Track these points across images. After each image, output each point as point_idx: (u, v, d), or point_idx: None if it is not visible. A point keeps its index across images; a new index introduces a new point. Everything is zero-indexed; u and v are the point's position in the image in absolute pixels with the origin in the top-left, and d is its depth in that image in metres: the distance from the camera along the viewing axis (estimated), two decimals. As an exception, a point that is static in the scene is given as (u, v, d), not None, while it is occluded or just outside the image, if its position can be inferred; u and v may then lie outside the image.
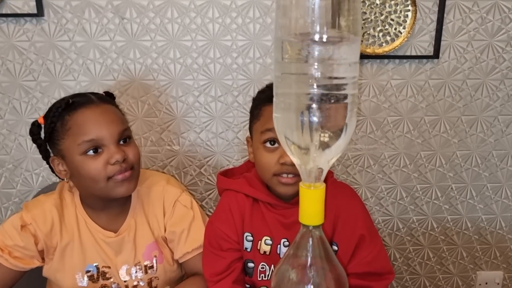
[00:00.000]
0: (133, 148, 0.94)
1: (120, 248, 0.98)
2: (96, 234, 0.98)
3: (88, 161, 0.88)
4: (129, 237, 0.99)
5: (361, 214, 0.97)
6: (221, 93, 1.34)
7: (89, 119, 0.89)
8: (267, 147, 0.88)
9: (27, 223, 0.94)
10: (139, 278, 1.00)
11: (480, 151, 1.44)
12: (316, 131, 0.54)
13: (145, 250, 1.00)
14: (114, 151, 0.89)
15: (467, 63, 1.35)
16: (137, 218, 1.00)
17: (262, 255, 0.97)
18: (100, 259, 0.98)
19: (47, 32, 1.27)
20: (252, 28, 1.29)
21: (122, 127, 0.92)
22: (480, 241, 1.55)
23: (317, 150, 0.55)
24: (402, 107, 1.38)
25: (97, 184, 0.89)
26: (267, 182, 0.94)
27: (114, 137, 0.90)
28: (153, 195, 1.02)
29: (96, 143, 0.88)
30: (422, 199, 1.48)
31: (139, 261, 1.00)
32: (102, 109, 0.92)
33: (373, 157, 1.43)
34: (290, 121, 0.55)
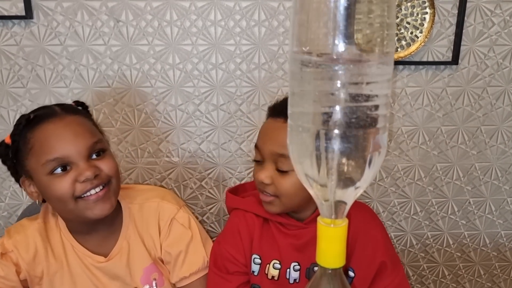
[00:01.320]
0: (108, 161, 0.84)
1: (113, 273, 0.89)
2: (86, 259, 0.89)
3: (55, 180, 0.79)
4: (122, 261, 0.90)
5: (381, 239, 0.89)
6: (224, 101, 1.25)
7: (52, 134, 0.80)
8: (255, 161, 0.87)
9: (8, 251, 0.86)
10: None
11: (500, 163, 1.35)
12: (337, 162, 0.45)
13: (143, 273, 0.91)
14: (84, 168, 0.79)
15: (488, 69, 1.26)
16: (130, 239, 0.91)
17: (270, 280, 0.91)
18: (93, 286, 0.89)
19: (37, 36, 1.19)
20: (257, 32, 1.20)
21: (91, 140, 0.82)
22: (498, 258, 1.45)
23: (339, 184, 0.46)
24: (417, 116, 1.29)
25: (65, 205, 0.80)
26: None
27: (82, 152, 0.80)
28: (146, 212, 0.93)
29: (62, 161, 0.79)
30: (438, 214, 1.39)
31: (137, 286, 0.91)
32: (67, 121, 0.82)
33: (385, 170, 1.34)
34: (306, 148, 0.46)
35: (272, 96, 1.23)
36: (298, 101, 0.47)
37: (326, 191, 0.48)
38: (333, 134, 0.44)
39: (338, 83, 0.44)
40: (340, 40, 0.44)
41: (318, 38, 0.46)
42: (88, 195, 0.80)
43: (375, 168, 0.47)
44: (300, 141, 0.47)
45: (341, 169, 0.46)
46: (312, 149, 0.46)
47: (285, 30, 1.20)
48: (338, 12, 0.43)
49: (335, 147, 0.44)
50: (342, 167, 0.45)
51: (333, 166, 0.46)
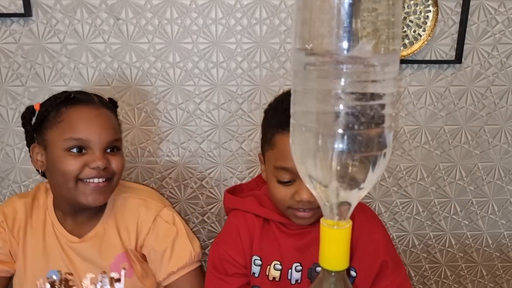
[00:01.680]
0: (118, 159, 0.91)
1: (85, 255, 0.94)
2: (62, 239, 0.94)
3: (68, 157, 0.86)
4: (95, 245, 0.94)
5: (383, 239, 0.89)
6: (225, 100, 1.24)
7: (84, 118, 0.87)
8: (281, 182, 0.80)
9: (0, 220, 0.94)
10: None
11: (503, 163, 1.34)
12: (342, 162, 0.44)
13: (114, 260, 0.95)
14: (98, 157, 0.86)
15: (491, 68, 1.24)
16: (107, 227, 0.95)
17: (271, 281, 0.90)
18: (64, 265, 0.94)
19: (36, 34, 1.17)
20: (259, 30, 1.19)
21: (113, 136, 0.90)
22: (501, 258, 1.44)
23: (344, 185, 0.45)
24: (420, 115, 1.28)
25: (66, 182, 0.86)
26: (282, 211, 0.86)
27: (102, 143, 0.88)
28: (130, 206, 0.97)
29: (82, 143, 0.86)
30: (440, 214, 1.38)
31: (106, 271, 0.94)
32: (100, 112, 0.90)
33: (388, 170, 1.33)
34: (309, 148, 0.45)
35: (274, 95, 1.21)
36: (301, 100, 0.46)
37: (330, 192, 0.47)
38: (337, 134, 0.43)
39: (342, 82, 0.43)
40: (345, 38, 0.43)
41: (322, 36, 0.45)
42: (90, 181, 0.86)
43: (380, 169, 0.46)
44: (303, 141, 0.46)
45: (346, 170, 0.45)
46: (316, 149, 0.45)
47: (287, 28, 1.19)
48: (342, 9, 0.42)
49: (340, 147, 0.43)
50: (346, 167, 0.44)
51: (338, 167, 0.45)
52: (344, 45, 0.43)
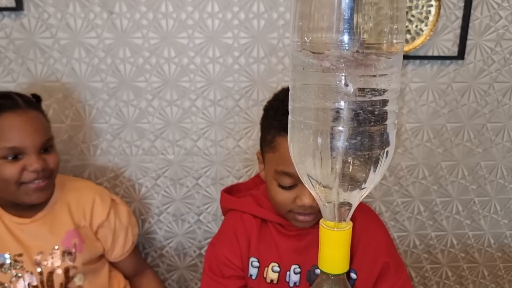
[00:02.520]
0: (53, 156, 0.94)
1: (35, 233, 0.96)
2: (8, 223, 0.95)
3: (5, 165, 0.88)
4: (46, 223, 0.97)
5: (384, 240, 0.86)
6: (221, 97, 1.21)
7: (14, 126, 0.89)
8: (282, 186, 0.77)
9: None
10: (55, 265, 0.96)
11: (506, 161, 1.31)
12: (342, 161, 0.41)
13: (64, 236, 0.98)
14: (35, 160, 0.89)
15: (494, 64, 1.21)
16: (57, 207, 1.00)
17: (268, 284, 0.87)
18: (12, 248, 0.95)
19: (27, 28, 1.14)
20: (256, 24, 1.16)
21: (45, 137, 0.93)
22: (503, 258, 1.42)
23: (344, 185, 0.42)
24: (422, 113, 1.25)
25: (8, 187, 0.89)
26: (282, 215, 0.83)
27: (36, 147, 0.90)
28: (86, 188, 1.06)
29: (17, 150, 0.89)
30: (442, 213, 1.35)
31: (57, 246, 0.97)
32: (28, 116, 0.91)
33: (389, 168, 1.30)
34: (308, 147, 0.42)
35: (272, 92, 1.18)
36: (300, 96, 0.43)
37: (330, 192, 0.44)
38: (338, 131, 0.40)
39: (343, 77, 0.40)
40: (346, 32, 0.40)
41: (322, 29, 0.42)
42: (31, 183, 0.90)
43: (382, 168, 0.43)
44: (302, 138, 0.43)
45: (347, 169, 0.42)
46: (315, 148, 0.42)
47: (285, 22, 1.16)
48: (343, 2, 0.39)
49: (341, 145, 0.41)
50: (347, 166, 0.41)
51: (338, 165, 0.42)
52: (345, 39, 0.40)
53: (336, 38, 0.40)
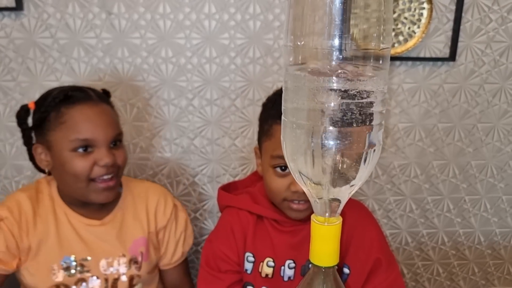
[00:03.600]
0: (122, 152, 0.93)
1: (104, 237, 0.95)
2: (77, 224, 0.94)
3: (76, 158, 0.86)
4: (114, 228, 0.96)
5: (376, 236, 0.89)
6: (217, 96, 1.23)
7: (87, 117, 0.87)
8: (277, 172, 0.80)
9: (3, 217, 0.90)
10: (121, 272, 0.95)
11: (496, 161, 1.34)
12: (332, 159, 0.44)
13: (132, 244, 0.97)
14: (105, 154, 0.87)
15: (485, 66, 1.25)
16: (125, 211, 0.98)
17: (263, 278, 0.90)
18: (79, 250, 0.93)
19: (27, 28, 1.16)
20: (252, 26, 1.18)
21: (116, 131, 0.92)
22: (493, 256, 1.45)
23: (334, 181, 0.45)
24: (414, 113, 1.28)
25: (77, 183, 0.88)
26: (277, 205, 0.87)
27: (108, 140, 0.89)
28: (151, 191, 1.02)
29: (89, 142, 0.87)
30: (433, 211, 1.38)
31: (125, 254, 0.96)
32: (100, 109, 0.90)
33: (381, 167, 1.33)
34: (300, 145, 0.45)
35: (267, 92, 1.21)
36: (293, 97, 0.46)
37: (320, 188, 0.46)
38: (328, 130, 0.43)
39: (333, 79, 0.42)
40: (336, 35, 0.42)
41: (313, 33, 0.44)
42: (100, 180, 0.88)
43: (370, 165, 0.45)
44: (294, 137, 0.46)
45: (336, 167, 0.44)
46: (307, 146, 0.44)
47: (281, 23, 1.18)
48: (333, 6, 0.42)
49: (330, 144, 0.43)
50: (337, 164, 0.44)
51: (328, 163, 0.44)
52: (335, 42, 0.42)
53: (327, 41, 0.43)
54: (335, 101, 0.42)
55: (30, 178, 1.27)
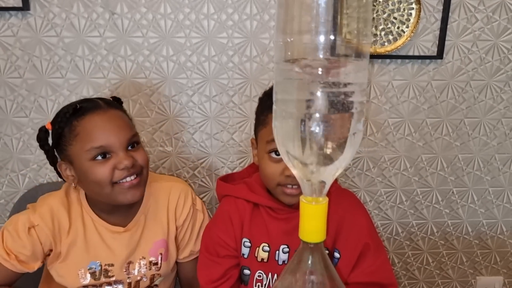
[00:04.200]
0: (141, 153, 0.94)
1: (128, 243, 0.98)
2: (103, 231, 0.97)
3: (96, 166, 0.88)
4: (138, 233, 0.98)
5: (365, 223, 0.94)
6: (216, 93, 1.29)
7: (98, 125, 0.89)
8: (272, 157, 0.86)
9: (35, 224, 0.92)
10: (142, 273, 0.99)
11: (482, 154, 1.40)
12: (318, 143, 0.49)
13: (152, 246, 1.00)
14: (123, 157, 0.88)
15: (471, 64, 1.31)
16: (148, 214, 1.00)
17: (259, 262, 0.95)
18: (104, 257, 0.97)
19: (33, 27, 1.21)
20: (249, 25, 1.24)
21: (130, 133, 0.92)
22: (480, 246, 1.51)
23: (320, 163, 0.51)
24: (403, 108, 1.34)
25: (103, 189, 0.89)
26: (271, 190, 0.92)
27: (123, 143, 0.90)
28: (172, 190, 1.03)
29: (104, 149, 0.88)
30: (422, 203, 1.44)
31: (145, 256, 0.99)
32: (110, 115, 0.91)
33: (372, 160, 1.39)
34: (290, 131, 0.51)
35: (263, 88, 1.27)
36: (282, 89, 0.52)
37: (308, 171, 0.52)
38: (314, 118, 0.48)
39: (319, 73, 0.48)
40: (321, 32, 0.48)
41: (301, 31, 0.50)
42: (124, 181, 0.90)
43: (352, 149, 0.51)
44: (285, 125, 0.51)
45: (322, 150, 0.50)
46: (296, 132, 0.50)
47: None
48: (320, 5, 0.47)
49: (316, 130, 0.49)
50: (322, 147, 0.49)
51: (315, 147, 0.50)
52: (321, 40, 0.48)
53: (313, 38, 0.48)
54: (320, 92, 0.48)
55: (36, 171, 1.32)
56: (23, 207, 1.00)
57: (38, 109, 1.27)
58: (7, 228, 0.93)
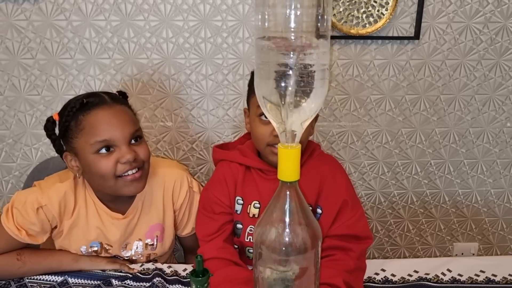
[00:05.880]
0: (143, 147, 0.98)
1: (126, 228, 1.04)
2: (103, 215, 1.03)
3: (100, 159, 0.92)
4: (135, 218, 1.05)
5: (345, 183, 1.04)
6: (212, 72, 1.40)
7: (103, 120, 0.92)
8: (262, 120, 0.96)
9: (42, 204, 0.97)
10: (139, 253, 1.07)
11: (457, 128, 1.52)
12: (288, 92, 0.61)
13: (148, 230, 1.06)
14: (126, 151, 0.92)
15: (446, 44, 1.42)
16: (144, 200, 1.06)
17: (251, 218, 1.05)
18: (104, 238, 1.04)
19: (44, 12, 1.32)
20: (242, 9, 1.35)
21: (133, 128, 0.95)
22: (457, 214, 1.64)
23: (289, 108, 0.63)
24: (384, 86, 1.45)
25: (106, 182, 0.93)
26: (261, 151, 1.01)
27: (126, 138, 0.93)
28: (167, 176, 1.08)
29: (108, 143, 0.92)
30: (403, 174, 1.57)
31: (141, 238, 1.06)
32: (115, 110, 0.95)
33: (356, 134, 1.51)
34: (267, 84, 0.63)
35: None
36: (261, 55, 0.64)
37: (281, 115, 0.64)
38: (286, 75, 0.61)
39: (287, 44, 0.60)
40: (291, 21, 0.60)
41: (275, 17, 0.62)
42: (126, 174, 0.94)
43: (315, 100, 0.63)
44: (265, 82, 0.63)
45: (292, 100, 0.62)
46: (272, 88, 0.62)
47: (266, 7, 1.35)
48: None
49: (286, 83, 0.61)
50: (293, 98, 0.62)
51: (286, 95, 0.62)
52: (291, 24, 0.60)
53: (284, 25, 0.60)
54: (290, 58, 0.60)
55: (48, 145, 1.44)
56: (36, 178, 1.05)
57: (49, 88, 1.39)
58: (16, 207, 0.97)
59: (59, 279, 0.97)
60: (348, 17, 1.36)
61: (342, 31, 1.36)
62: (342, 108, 1.47)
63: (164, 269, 1.01)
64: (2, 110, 1.41)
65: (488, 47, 1.42)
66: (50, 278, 0.98)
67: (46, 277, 0.98)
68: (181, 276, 1.00)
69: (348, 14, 1.36)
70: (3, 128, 1.43)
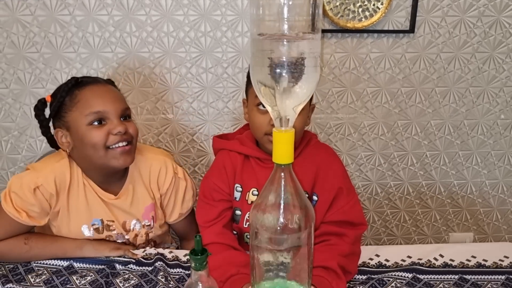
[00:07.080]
0: (132, 125, 1.04)
1: (120, 207, 1.09)
2: (102, 194, 1.07)
3: (93, 130, 0.97)
4: (128, 200, 1.09)
5: (340, 171, 1.08)
6: (212, 65, 1.44)
7: (97, 94, 0.99)
8: (260, 110, 0.99)
9: (38, 184, 1.00)
10: (137, 230, 1.12)
11: (452, 120, 1.55)
12: (281, 78, 0.65)
13: (144, 211, 1.11)
14: (117, 124, 0.98)
15: (440, 37, 1.45)
16: (135, 183, 1.10)
17: (249, 204, 1.08)
18: (105, 214, 1.07)
19: (49, 6, 1.36)
20: (240, 4, 1.39)
21: (124, 105, 1.03)
22: (452, 204, 1.67)
23: (283, 93, 0.66)
24: (380, 78, 1.48)
25: (97, 152, 0.98)
26: (259, 140, 1.05)
27: (117, 112, 0.99)
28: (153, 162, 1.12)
29: (101, 115, 0.98)
30: (399, 165, 1.60)
31: (138, 219, 1.12)
32: (108, 88, 1.02)
33: (353, 126, 1.54)
34: (261, 70, 0.66)
35: (254, 61, 1.41)
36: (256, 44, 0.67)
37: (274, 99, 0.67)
38: (280, 63, 0.64)
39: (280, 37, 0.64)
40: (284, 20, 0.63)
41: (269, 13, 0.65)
42: (117, 146, 0.99)
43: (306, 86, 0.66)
44: (259, 69, 0.67)
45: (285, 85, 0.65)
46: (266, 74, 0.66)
47: (265, 2, 1.39)
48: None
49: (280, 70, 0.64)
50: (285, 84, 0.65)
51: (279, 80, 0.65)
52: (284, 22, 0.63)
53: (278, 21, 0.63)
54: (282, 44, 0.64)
55: (52, 137, 1.48)
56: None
57: (53, 81, 1.43)
58: (13, 191, 0.99)
59: (65, 264, 1.01)
60: (344, 11, 1.39)
61: (338, 25, 1.39)
62: (339, 101, 1.50)
63: (165, 254, 1.05)
64: (8, 103, 1.45)
65: (482, 41, 1.45)
66: (56, 263, 1.01)
67: (52, 262, 1.01)
68: (181, 261, 1.03)
69: (345, 8, 1.39)
70: (9, 121, 1.47)
